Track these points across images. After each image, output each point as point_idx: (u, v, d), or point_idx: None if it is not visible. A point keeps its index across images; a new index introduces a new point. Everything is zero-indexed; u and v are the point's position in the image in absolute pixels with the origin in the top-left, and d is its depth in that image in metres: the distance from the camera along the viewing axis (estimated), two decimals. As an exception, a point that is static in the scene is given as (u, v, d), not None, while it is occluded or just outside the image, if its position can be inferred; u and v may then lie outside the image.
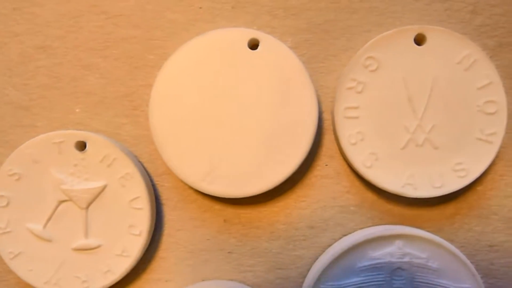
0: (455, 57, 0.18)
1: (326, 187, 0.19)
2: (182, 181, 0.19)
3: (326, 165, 0.19)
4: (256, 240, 0.19)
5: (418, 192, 0.18)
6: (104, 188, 0.18)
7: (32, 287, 0.18)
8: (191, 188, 0.19)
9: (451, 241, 0.19)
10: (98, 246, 0.18)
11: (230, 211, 0.19)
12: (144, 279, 0.19)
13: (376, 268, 0.18)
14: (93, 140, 0.18)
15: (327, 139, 0.19)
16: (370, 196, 0.19)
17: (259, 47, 0.18)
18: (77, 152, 0.18)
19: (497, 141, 0.18)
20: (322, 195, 0.19)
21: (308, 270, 0.19)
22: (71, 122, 0.19)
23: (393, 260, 0.18)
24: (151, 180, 0.19)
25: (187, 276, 0.19)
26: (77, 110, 0.19)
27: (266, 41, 0.18)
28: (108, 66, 0.19)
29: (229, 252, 0.19)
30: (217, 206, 0.19)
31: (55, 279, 0.18)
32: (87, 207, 0.18)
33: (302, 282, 0.19)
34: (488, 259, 0.19)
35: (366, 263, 0.18)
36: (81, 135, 0.18)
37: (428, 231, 0.18)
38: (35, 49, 0.19)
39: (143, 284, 0.19)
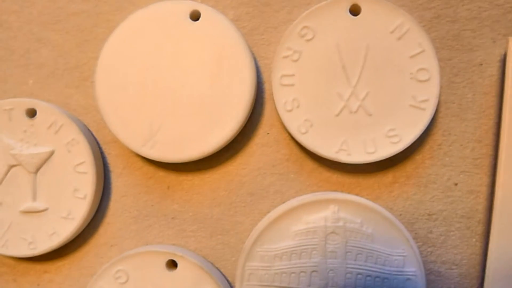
0: (388, 27, 0.18)
1: (266, 155, 0.19)
2: (127, 149, 0.20)
3: (268, 133, 0.20)
4: (198, 206, 0.20)
5: (352, 157, 0.18)
6: (51, 153, 0.19)
7: (-18, 248, 0.19)
8: (136, 155, 0.20)
9: (389, 209, 0.19)
10: (45, 209, 0.19)
11: (173, 178, 0.20)
12: (91, 243, 0.20)
13: (310, 232, 0.18)
14: (42, 107, 0.19)
15: (268, 109, 0.20)
16: (309, 164, 0.19)
17: (200, 19, 0.19)
18: (26, 119, 0.19)
19: (430, 108, 0.18)
20: (262, 162, 0.19)
21: (248, 236, 0.19)
22: (24, 93, 0.20)
23: (328, 224, 0.18)
24: (99, 148, 0.20)
25: (131, 241, 0.20)
26: (30, 82, 0.20)
27: (207, 13, 0.19)
28: (60, 39, 0.20)
29: (172, 218, 0.20)
30: (161, 173, 0.20)
31: (3, 240, 0.19)
32: (36, 172, 0.19)
33: (242, 248, 0.19)
34: (427, 227, 0.19)
35: (301, 227, 0.18)
36: (30, 103, 0.19)
37: (366, 199, 0.19)
38: (-8, 23, 0.20)
39: (90, 248, 0.20)
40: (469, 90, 0.19)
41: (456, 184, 0.19)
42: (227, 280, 0.19)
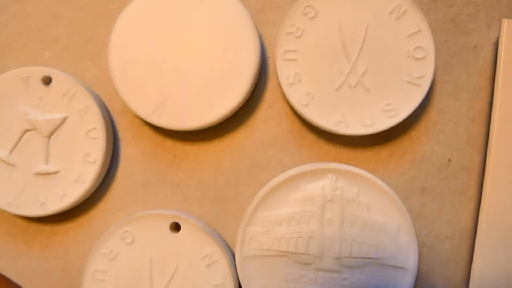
0: (387, 7, 0.19)
1: (268, 128, 0.20)
2: (137, 119, 0.21)
3: (270, 107, 0.20)
4: (203, 175, 0.21)
5: (350, 129, 0.19)
6: (65, 119, 0.20)
7: (-4, 207, 0.20)
8: (145, 125, 0.21)
9: (385, 182, 0.20)
10: (57, 172, 0.20)
11: (179, 148, 0.21)
12: (99, 208, 0.21)
13: (308, 199, 0.19)
14: (57, 76, 0.20)
15: (271, 84, 0.21)
16: (309, 137, 0.20)
17: (209, -4, 0.20)
18: (42, 87, 0.20)
19: (425, 84, 0.19)
20: (264, 135, 0.20)
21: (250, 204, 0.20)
22: (39, 65, 0.21)
23: (325, 192, 0.19)
24: (110, 118, 0.21)
25: (138, 206, 0.21)
26: (45, 54, 0.21)
27: (217, -9, 0.20)
28: (74, 15, 0.21)
29: (177, 185, 0.21)
30: (168, 142, 0.21)
31: (17, 201, 0.20)
32: (49, 136, 0.20)
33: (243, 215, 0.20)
34: (421, 201, 0.20)
35: (300, 195, 0.19)
36: (47, 71, 0.20)
37: (363, 170, 0.20)
38: (9, 0, 0.21)
39: (98, 212, 0.21)
40: (464, 71, 0.20)
41: (449, 161, 0.20)
42: (228, 245, 0.20)
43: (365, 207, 0.19)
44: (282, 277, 0.19)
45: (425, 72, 0.19)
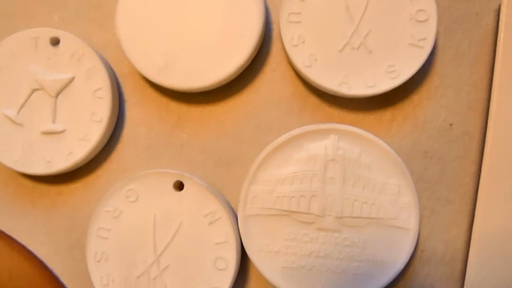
0: (390, -29, 0.20)
1: (272, 91, 0.21)
2: (143, 81, 0.21)
3: (274, 70, 0.21)
4: (207, 137, 0.21)
5: (353, 90, 0.19)
6: (72, 79, 0.20)
7: (3, 165, 0.20)
8: (151, 87, 0.21)
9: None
10: (63, 131, 0.20)
11: (184, 110, 0.21)
12: (104, 168, 0.21)
13: (311, 158, 0.19)
14: (65, 37, 0.20)
15: (275, 48, 0.21)
16: (312, 100, 0.21)
17: (216, -39, 0.20)
18: (50, 48, 0.20)
19: (427, 46, 0.19)
20: (268, 98, 0.21)
21: (253, 165, 0.20)
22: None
23: (328, 152, 0.19)
24: (116, 80, 0.21)
25: (142, 167, 0.21)
26: (55, 18, 0.22)
27: (223, -44, 0.20)
28: (84, -21, 0.22)
29: (181, 147, 0.21)
30: (173, 104, 0.21)
31: (24, 159, 0.20)
32: (56, 96, 0.20)
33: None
34: (422, 164, 0.20)
35: (302, 154, 0.19)
36: (55, 32, 0.20)
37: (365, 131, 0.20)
38: (22, -37, 0.22)
39: (103, 172, 0.21)
40: (466, 37, 0.21)
41: (451, 125, 0.20)
42: (231, 206, 0.20)
43: (367, 168, 0.19)
44: (284, 236, 0.19)
45: (427, 35, 0.19)
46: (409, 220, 0.19)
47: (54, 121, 0.20)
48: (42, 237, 0.21)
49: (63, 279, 0.21)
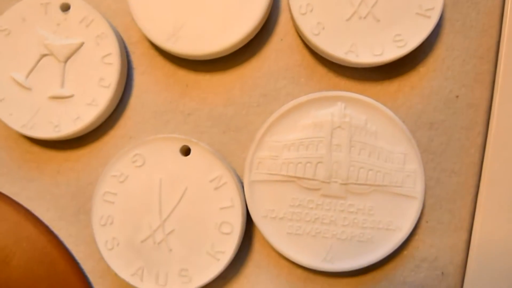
0: None
1: (279, 59, 0.21)
2: (152, 49, 0.21)
3: (281, 40, 0.21)
4: (214, 104, 0.21)
5: (360, 58, 0.19)
6: (81, 45, 0.20)
7: (10, 130, 0.21)
8: (159, 55, 0.21)
9: (393, 116, 0.20)
10: (71, 96, 0.20)
11: (192, 77, 0.21)
12: (110, 135, 0.21)
13: (317, 125, 0.19)
14: (75, 3, 0.21)
15: (283, 18, 0.21)
16: (319, 70, 0.21)
17: None
18: (60, 13, 0.21)
19: (434, 16, 0.19)
20: (275, 67, 0.21)
21: (259, 133, 0.21)
22: (59, -5, 0.22)
23: (334, 119, 0.19)
24: (125, 47, 0.21)
25: (149, 134, 0.21)
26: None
27: None
28: None
29: (188, 114, 0.21)
30: (181, 72, 0.21)
31: (32, 123, 0.20)
32: (65, 61, 0.21)
33: (252, 143, 0.20)
34: (428, 135, 0.20)
35: (309, 121, 0.20)
36: (65, -2, 0.21)
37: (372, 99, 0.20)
38: None
39: (110, 139, 0.21)
40: (473, 9, 0.21)
41: (457, 97, 0.21)
42: (237, 173, 0.20)
43: (373, 135, 0.19)
44: (289, 202, 0.19)
45: (435, 4, 0.19)
46: (415, 188, 0.19)
47: (62, 86, 0.20)
48: (47, 202, 0.21)
49: (68, 244, 0.21)
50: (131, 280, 0.19)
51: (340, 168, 0.19)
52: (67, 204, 0.21)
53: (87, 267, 0.21)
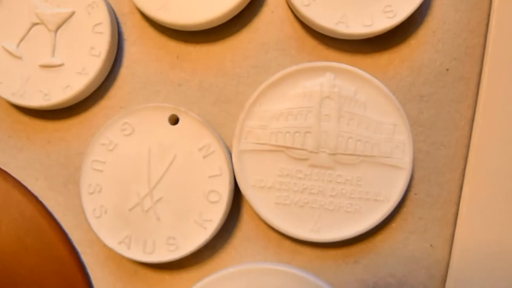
0: None
1: (270, 31, 0.21)
2: (142, 20, 0.21)
3: (272, 12, 0.21)
4: (204, 75, 0.21)
5: (350, 29, 0.19)
6: (72, 14, 0.21)
7: (1, 98, 0.21)
8: (150, 26, 0.21)
9: (383, 88, 0.20)
10: (62, 65, 0.20)
11: (183, 48, 0.21)
12: (101, 105, 0.21)
13: (307, 95, 0.19)
14: (67, -28, 0.21)
15: (275, -11, 0.21)
16: (310, 42, 0.21)
17: None
18: (52, -18, 0.21)
19: (425, -13, 0.19)
20: (266, 38, 0.21)
21: (249, 104, 0.20)
22: (52, -34, 0.22)
23: (323, 89, 0.19)
24: (116, 19, 0.21)
25: (139, 104, 0.21)
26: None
27: None
28: None
29: (178, 85, 0.21)
30: (172, 43, 0.21)
31: (21, 91, 0.20)
32: (56, 30, 0.21)
33: (242, 113, 0.20)
34: (418, 108, 0.20)
35: (298, 91, 0.20)
36: (57, -33, 0.21)
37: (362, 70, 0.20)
38: None
39: (100, 109, 0.21)
40: (464, -17, 0.21)
41: (447, 70, 0.21)
42: (225, 143, 0.20)
43: (362, 106, 0.19)
44: (277, 172, 0.19)
45: (426, -25, 0.19)
46: (403, 159, 0.19)
47: (53, 55, 0.20)
48: (37, 172, 0.21)
49: (56, 213, 0.21)
50: (118, 248, 0.19)
51: (328, 138, 0.19)
52: (56, 174, 0.21)
53: (75, 237, 0.21)
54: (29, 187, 0.21)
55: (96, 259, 0.21)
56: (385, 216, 0.19)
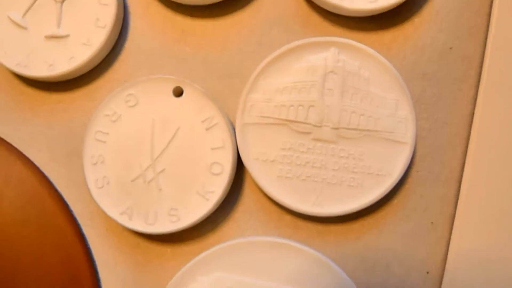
0: None
1: (275, 7, 0.21)
2: (149, -6, 0.21)
3: (276, -10, 0.21)
4: (209, 50, 0.21)
5: (354, 5, 0.20)
6: (78, -14, 0.21)
7: (4, 67, 0.21)
8: (157, 0, 0.21)
9: (387, 66, 0.20)
10: (67, 36, 0.20)
11: (188, 23, 0.21)
12: (105, 78, 0.21)
13: (311, 69, 0.20)
14: None
15: (280, -32, 0.21)
16: (314, 19, 0.21)
17: None
18: (59, -45, 0.21)
19: (430, -35, 0.20)
20: (271, 14, 0.21)
21: (252, 78, 0.21)
22: None
23: (328, 64, 0.19)
24: (122, -7, 0.21)
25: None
26: None
27: None
28: None
29: (183, 59, 0.21)
30: (178, 18, 0.21)
31: (26, 61, 0.20)
32: (62, 1, 0.21)
33: (246, 88, 0.20)
34: (421, 85, 0.21)
35: (302, 65, 0.20)
36: None
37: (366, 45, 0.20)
38: None
39: (104, 82, 0.21)
40: (469, -36, 0.21)
41: (451, 49, 0.21)
42: (229, 117, 0.20)
43: (366, 81, 0.20)
44: (280, 145, 0.19)
45: (431, -47, 0.20)
46: (406, 134, 0.19)
47: (58, 26, 0.21)
48: (39, 144, 0.21)
49: (58, 185, 0.21)
50: (120, 219, 0.19)
51: (331, 112, 0.19)
52: (59, 146, 0.21)
53: (77, 209, 0.21)
54: (32, 159, 0.21)
55: (97, 231, 0.21)
56: (387, 191, 0.19)
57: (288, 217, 0.20)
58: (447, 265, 0.20)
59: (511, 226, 0.20)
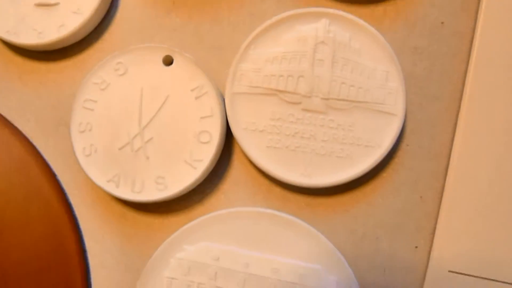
0: None
1: (267, -20, 0.21)
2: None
3: (270, -39, 0.21)
4: (199, 21, 0.21)
5: (347, -24, 0.20)
6: (70, -45, 0.21)
7: (-6, 34, 0.20)
8: (147, -28, 0.21)
9: (378, 39, 0.20)
10: (57, 4, 0.20)
11: (179, -6, 0.21)
12: (95, 48, 0.21)
13: (301, 39, 0.19)
14: None
15: None
16: (306, -9, 0.21)
17: None
18: None
19: None
20: (263, -13, 0.21)
21: (243, 50, 0.20)
22: None
23: (318, 34, 0.19)
24: (114, -36, 0.21)
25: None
26: None
27: None
28: None
29: (173, 30, 0.21)
30: (169, -11, 0.21)
31: (15, 29, 0.20)
32: (53, -30, 0.21)
33: (236, 59, 0.20)
34: (412, 59, 0.20)
35: (292, 35, 0.20)
36: None
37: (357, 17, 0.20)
38: None
39: (94, 52, 0.21)
40: None
41: (442, 23, 0.21)
42: (218, 88, 0.20)
43: (356, 52, 0.19)
44: (269, 115, 0.19)
45: None
46: (396, 106, 0.19)
47: (48, -7, 0.20)
48: (28, 114, 0.21)
49: (46, 155, 0.21)
50: (107, 186, 0.19)
51: (321, 83, 0.19)
52: (47, 116, 0.21)
53: (64, 178, 0.21)
54: (20, 128, 0.21)
55: (84, 200, 0.21)
56: (376, 163, 0.19)
57: (277, 189, 0.20)
58: (435, 240, 0.20)
59: (499, 201, 0.20)
